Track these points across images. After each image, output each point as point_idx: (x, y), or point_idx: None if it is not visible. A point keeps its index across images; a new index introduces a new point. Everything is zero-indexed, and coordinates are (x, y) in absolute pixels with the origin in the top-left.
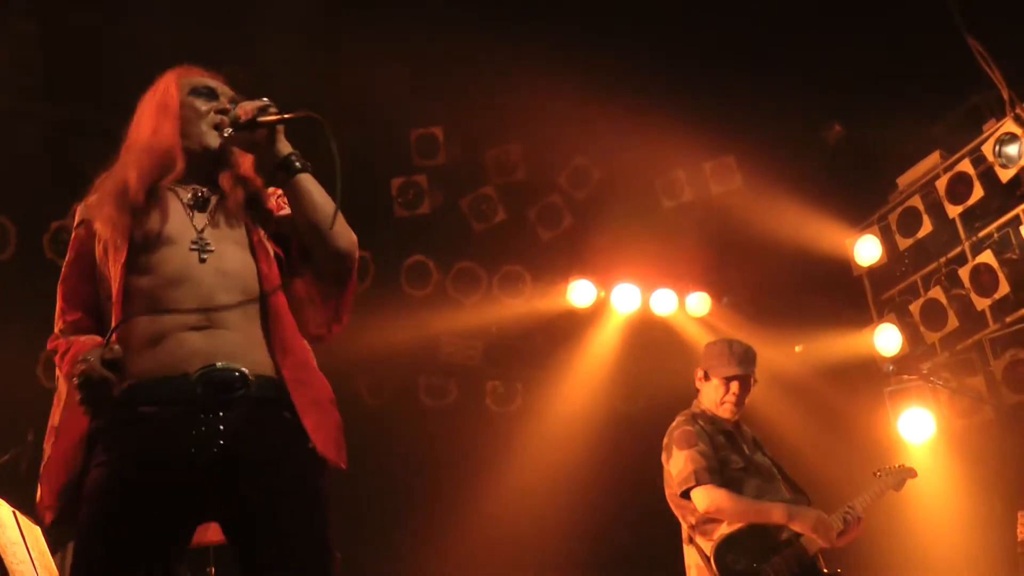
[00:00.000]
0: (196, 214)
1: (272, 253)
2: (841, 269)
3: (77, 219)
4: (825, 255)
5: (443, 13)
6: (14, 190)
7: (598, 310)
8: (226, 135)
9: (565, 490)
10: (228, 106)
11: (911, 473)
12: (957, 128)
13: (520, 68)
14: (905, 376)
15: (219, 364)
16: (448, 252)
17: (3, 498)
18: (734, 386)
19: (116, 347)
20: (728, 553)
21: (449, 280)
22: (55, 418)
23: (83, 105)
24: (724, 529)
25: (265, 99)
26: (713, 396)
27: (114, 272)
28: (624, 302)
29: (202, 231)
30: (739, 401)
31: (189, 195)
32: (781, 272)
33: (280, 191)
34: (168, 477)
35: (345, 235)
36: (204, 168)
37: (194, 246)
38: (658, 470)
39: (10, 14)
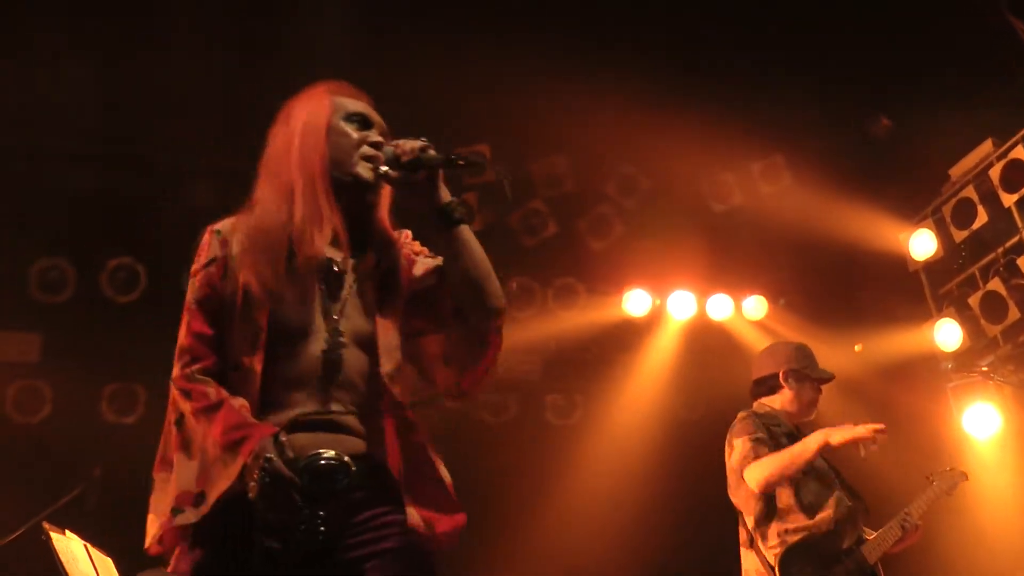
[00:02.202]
0: (332, 304)
1: (401, 332)
2: (897, 264)
3: (209, 254)
4: (880, 251)
5: (483, 28)
6: (71, 231)
7: (654, 318)
8: (382, 172)
9: (628, 501)
10: (381, 139)
11: (963, 477)
12: (1007, 113)
13: (562, 79)
14: (966, 372)
15: (324, 452)
16: (501, 268)
17: (74, 532)
18: (816, 389)
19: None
20: (793, 564)
21: (506, 296)
22: (173, 454)
23: (137, 145)
24: (786, 536)
25: (423, 139)
26: (798, 398)
27: (253, 351)
28: (680, 309)
29: (337, 322)
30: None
31: (326, 270)
32: (836, 270)
33: (411, 239)
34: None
35: (499, 291)
36: (351, 203)
37: (327, 344)
38: (720, 475)
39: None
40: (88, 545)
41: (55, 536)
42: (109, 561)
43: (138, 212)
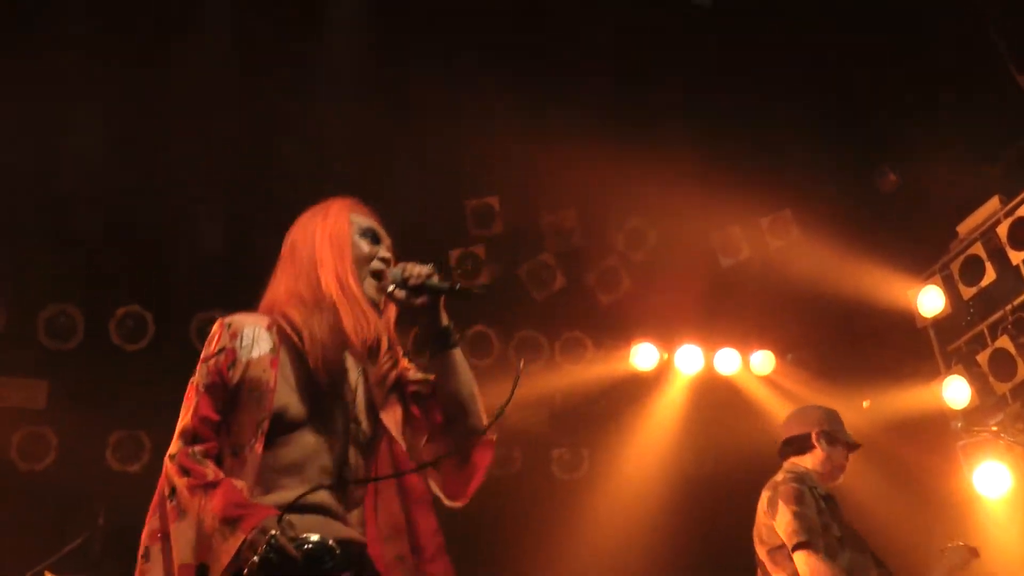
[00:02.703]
0: (337, 399)
1: (412, 422)
2: (905, 320)
3: (220, 344)
4: (888, 307)
5: (495, 81)
6: (79, 278)
7: (662, 372)
8: (389, 291)
9: (634, 556)
10: (389, 256)
11: (974, 554)
12: (1014, 169)
13: (571, 133)
14: (976, 429)
15: (311, 536)
16: (509, 321)
17: None
18: (845, 456)
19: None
20: None
21: (511, 349)
22: (169, 525)
23: (145, 194)
24: None
25: (431, 264)
26: (829, 460)
27: (255, 437)
28: (687, 363)
29: (340, 417)
30: (845, 469)
31: (330, 368)
32: (844, 326)
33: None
34: None
35: (481, 413)
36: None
37: (326, 438)
38: (728, 532)
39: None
40: None
41: None
42: None
43: (146, 259)
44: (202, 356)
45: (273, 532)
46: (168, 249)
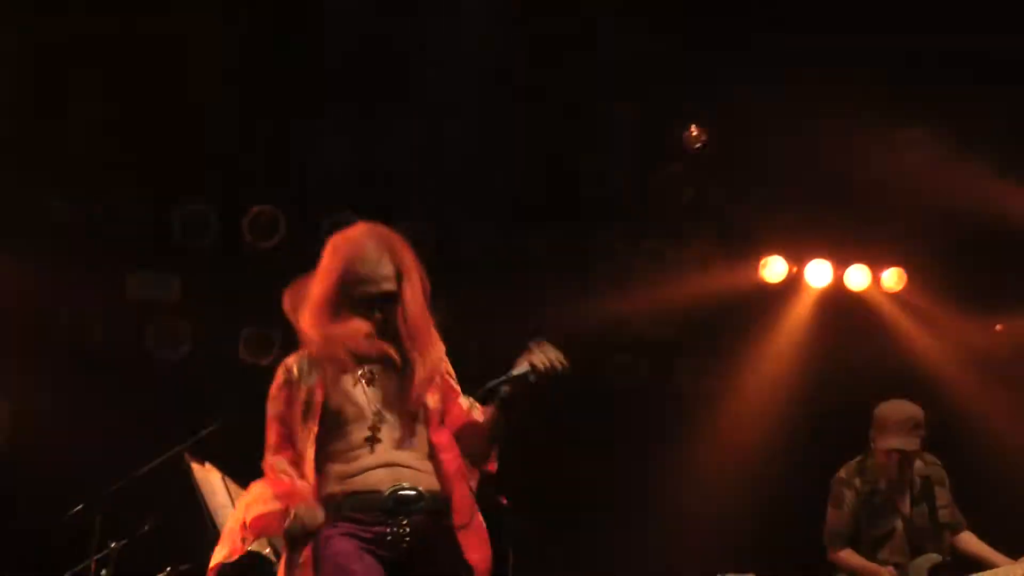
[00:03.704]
0: (371, 390)
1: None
2: None
3: (282, 379)
4: None
5: None
6: (215, 176)
7: (790, 286)
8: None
9: (755, 471)
10: (377, 288)
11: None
12: None
13: (705, 44)
14: None
15: (405, 484)
16: (637, 230)
17: (212, 465)
18: (894, 457)
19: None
20: None
21: (639, 258)
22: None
23: (271, 92)
24: None
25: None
26: (879, 458)
27: (307, 437)
28: (817, 278)
29: (381, 408)
30: (901, 471)
31: (365, 371)
32: (980, 246)
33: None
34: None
35: (491, 458)
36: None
37: (372, 426)
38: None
39: None
40: (225, 477)
41: (195, 467)
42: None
43: (280, 160)
44: (271, 392)
45: (299, 514)
46: (299, 152)
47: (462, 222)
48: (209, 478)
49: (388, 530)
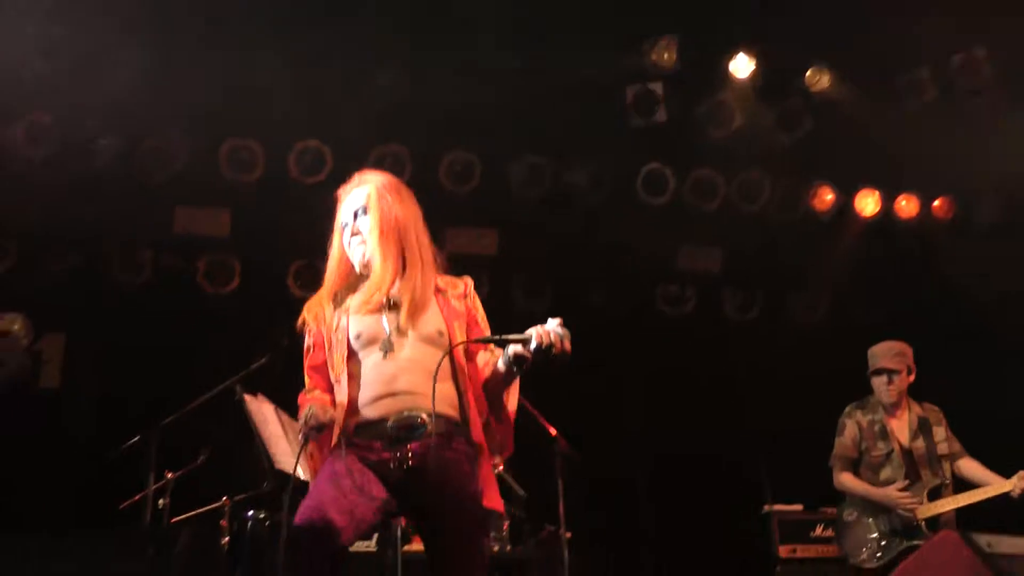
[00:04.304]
0: (389, 313)
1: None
2: None
3: (308, 324)
4: None
5: None
6: (260, 113)
7: (840, 216)
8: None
9: (802, 399)
10: (355, 226)
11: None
12: None
13: None
14: None
15: (407, 412)
16: (685, 160)
17: (264, 396)
18: (883, 379)
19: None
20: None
21: (687, 188)
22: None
23: (322, 33)
24: None
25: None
26: (877, 388)
27: (335, 364)
28: (867, 207)
29: (401, 330)
30: (891, 391)
31: (382, 299)
32: None
33: (470, 289)
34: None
35: (500, 412)
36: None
37: (392, 347)
38: None
39: None
40: (277, 408)
41: (248, 398)
42: (297, 425)
43: (327, 99)
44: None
45: (312, 411)
46: (351, 89)
47: (506, 153)
48: (262, 408)
49: (391, 456)
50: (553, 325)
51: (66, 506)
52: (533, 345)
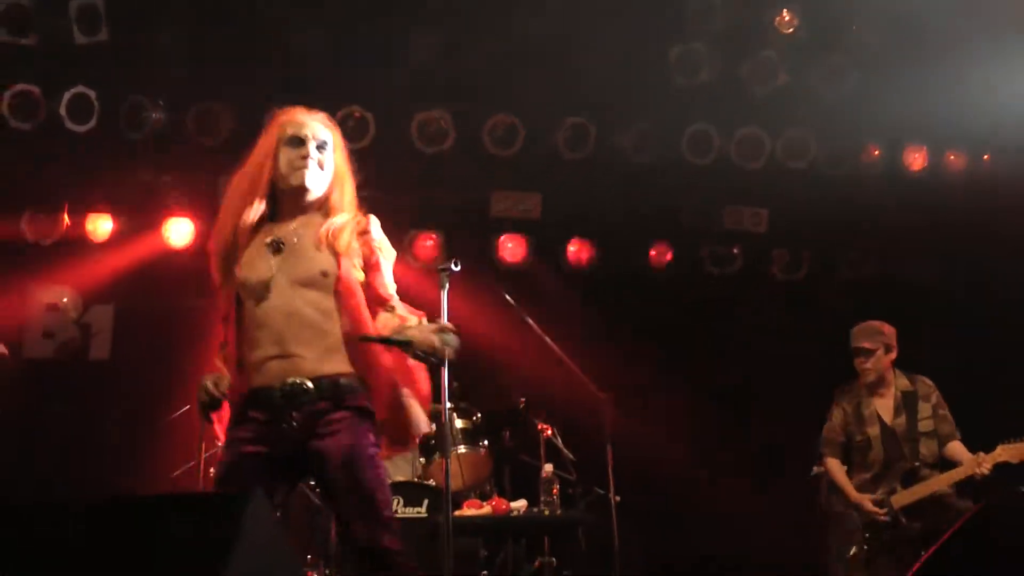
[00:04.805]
0: (275, 258)
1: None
2: None
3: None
4: None
5: None
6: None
7: (886, 174)
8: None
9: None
10: (311, 152)
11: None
12: None
13: None
14: None
15: (293, 379)
16: (728, 119)
17: None
18: (861, 360)
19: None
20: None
21: (732, 147)
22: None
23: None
24: None
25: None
26: (857, 368)
27: (224, 306)
28: (913, 164)
29: (284, 276)
30: (867, 370)
31: (271, 239)
32: None
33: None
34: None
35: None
36: (294, 199)
37: (275, 295)
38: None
39: None
40: None
41: None
42: None
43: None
44: None
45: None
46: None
47: (548, 118)
48: None
49: (280, 427)
50: (431, 329)
51: (122, 476)
52: (411, 351)
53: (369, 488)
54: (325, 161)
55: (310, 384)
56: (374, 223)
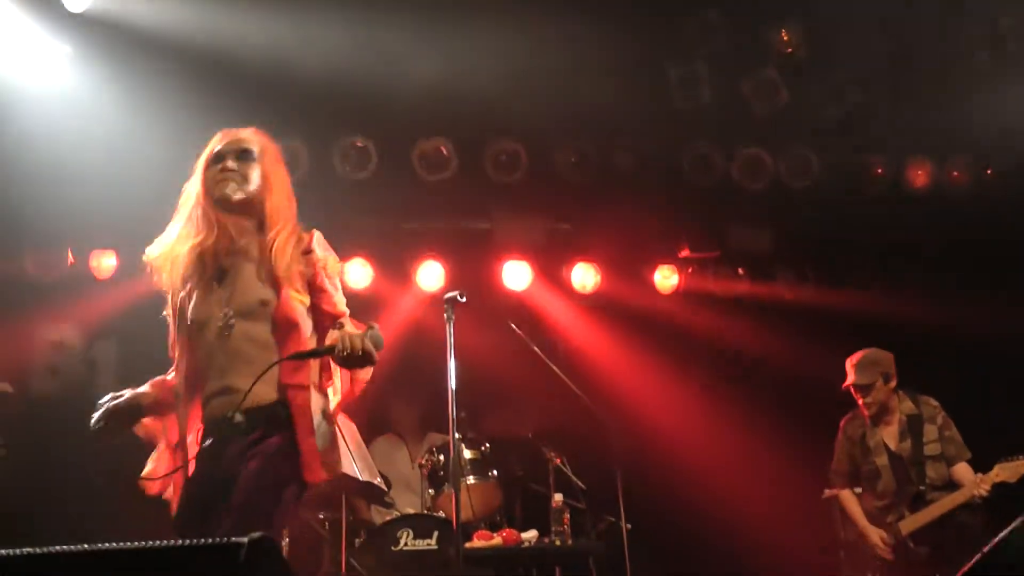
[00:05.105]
0: (219, 289)
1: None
2: None
3: (155, 272)
4: None
5: None
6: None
7: (891, 190)
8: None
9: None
10: (229, 166)
11: None
12: None
13: None
14: None
15: (228, 412)
16: (730, 138)
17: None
18: (857, 398)
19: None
20: None
21: (734, 167)
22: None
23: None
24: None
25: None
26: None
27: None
28: (918, 180)
29: (225, 309)
30: (868, 404)
31: (214, 269)
32: None
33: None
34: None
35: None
36: (231, 220)
37: (218, 328)
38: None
39: None
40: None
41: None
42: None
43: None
44: None
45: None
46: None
47: (552, 140)
48: None
49: (222, 457)
50: (357, 333)
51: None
52: (336, 357)
53: (242, 494)
54: (250, 170)
55: (240, 417)
56: (317, 239)
